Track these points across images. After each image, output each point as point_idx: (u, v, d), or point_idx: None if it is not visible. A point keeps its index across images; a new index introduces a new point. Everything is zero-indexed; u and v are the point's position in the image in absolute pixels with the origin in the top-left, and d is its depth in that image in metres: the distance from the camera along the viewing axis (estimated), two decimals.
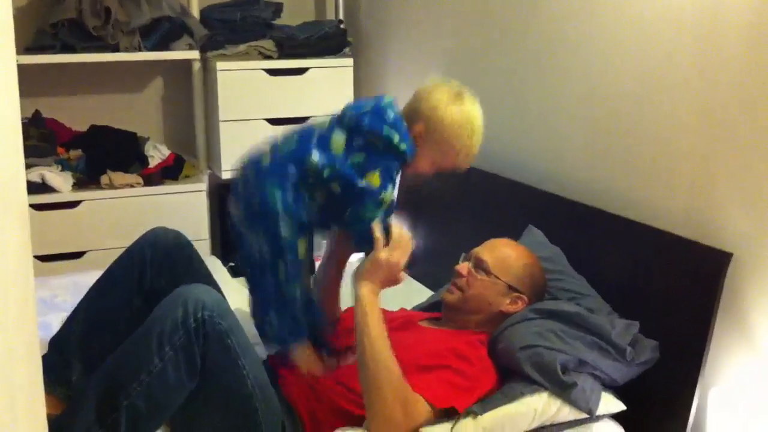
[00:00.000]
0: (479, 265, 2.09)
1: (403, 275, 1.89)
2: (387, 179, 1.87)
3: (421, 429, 1.75)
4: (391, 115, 1.89)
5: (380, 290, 1.85)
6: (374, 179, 1.85)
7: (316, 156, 1.86)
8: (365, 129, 1.87)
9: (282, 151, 1.91)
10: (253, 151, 1.97)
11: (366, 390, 1.76)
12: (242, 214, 1.92)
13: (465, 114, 1.95)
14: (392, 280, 1.87)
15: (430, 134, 1.93)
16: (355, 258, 2.27)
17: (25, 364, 1.06)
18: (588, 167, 2.36)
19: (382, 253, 1.83)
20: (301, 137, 1.93)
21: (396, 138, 1.87)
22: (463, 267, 2.11)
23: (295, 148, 1.90)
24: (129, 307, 1.99)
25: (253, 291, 2.02)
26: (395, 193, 1.93)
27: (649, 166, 2.13)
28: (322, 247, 2.22)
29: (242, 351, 1.75)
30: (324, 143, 1.88)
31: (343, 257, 2.15)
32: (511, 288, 2.07)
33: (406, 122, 1.92)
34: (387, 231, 1.88)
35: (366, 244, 1.88)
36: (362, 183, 1.84)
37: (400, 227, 1.90)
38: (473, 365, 1.89)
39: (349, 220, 1.90)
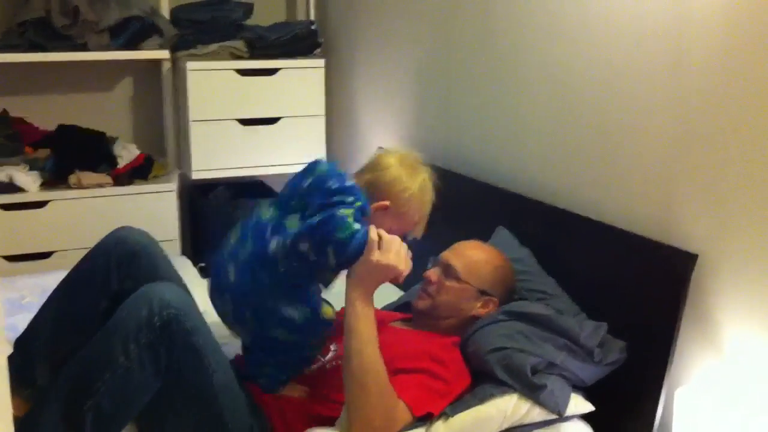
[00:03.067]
0: (448, 271, 2.09)
1: (403, 276, 1.84)
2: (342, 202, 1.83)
3: None
4: (334, 184, 1.84)
5: (373, 292, 1.82)
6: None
7: (274, 241, 1.82)
8: (317, 205, 1.82)
9: (243, 259, 1.87)
10: (215, 276, 1.92)
11: (350, 391, 1.74)
12: (251, 330, 1.92)
13: (425, 192, 1.97)
14: (386, 280, 1.83)
15: (393, 210, 1.92)
16: None
17: None
18: (556, 170, 2.38)
19: (374, 255, 1.78)
20: (254, 238, 1.87)
21: (350, 199, 1.82)
22: (432, 273, 2.10)
23: (253, 249, 1.86)
24: (95, 307, 1.97)
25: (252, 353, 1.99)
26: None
27: (616, 168, 2.14)
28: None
29: (208, 350, 1.75)
30: (280, 230, 1.84)
31: None
32: (481, 292, 2.07)
33: (367, 192, 1.89)
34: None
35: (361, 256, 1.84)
36: (318, 217, 1.79)
37: (383, 231, 1.86)
38: (448, 369, 1.89)
39: (336, 254, 1.82)
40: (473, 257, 2.11)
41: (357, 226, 1.80)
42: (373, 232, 1.81)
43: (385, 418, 1.72)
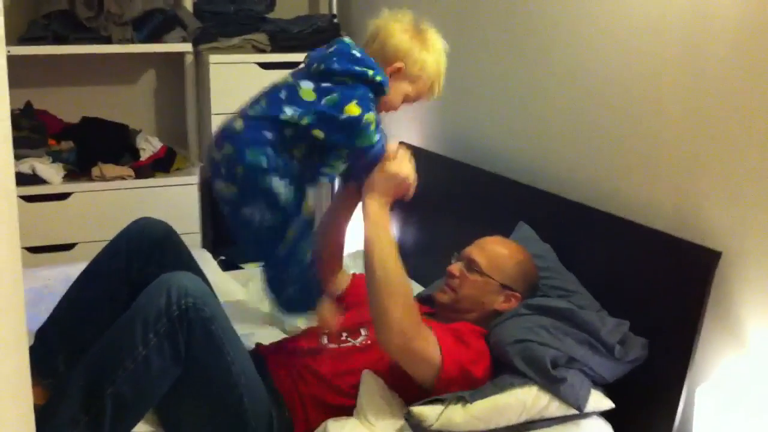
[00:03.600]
0: (471, 266, 2.09)
1: (412, 188, 1.91)
2: (365, 106, 1.82)
3: (411, 407, 1.75)
4: (357, 53, 1.87)
5: (389, 203, 1.88)
6: (353, 109, 1.80)
7: (289, 110, 1.81)
8: (337, 71, 1.84)
9: (253, 115, 1.86)
10: (223, 124, 1.92)
11: (376, 299, 1.78)
12: (235, 190, 1.84)
13: (437, 49, 1.97)
14: (402, 193, 1.90)
15: (407, 71, 1.93)
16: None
17: (13, 354, 1.06)
18: (579, 165, 2.37)
19: (393, 165, 1.85)
20: (268, 97, 1.88)
21: (371, 72, 1.85)
22: (455, 268, 2.11)
23: (265, 109, 1.85)
24: (115, 297, 1.98)
25: (266, 268, 1.96)
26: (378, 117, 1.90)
27: (640, 164, 2.13)
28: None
29: (227, 338, 1.75)
30: (293, 96, 1.84)
31: (349, 211, 2.14)
32: (504, 287, 2.08)
33: (378, 60, 1.91)
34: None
35: (375, 167, 1.87)
36: (343, 116, 1.80)
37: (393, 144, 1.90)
38: (471, 347, 1.90)
39: (351, 157, 1.87)
40: (496, 252, 2.12)
41: (376, 137, 1.85)
42: (392, 145, 1.86)
43: (410, 324, 1.77)
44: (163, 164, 3.55)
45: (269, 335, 2.28)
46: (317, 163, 1.88)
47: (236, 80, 3.49)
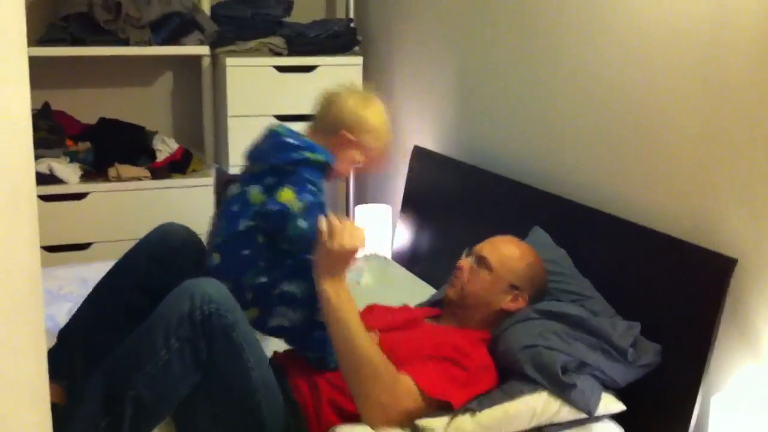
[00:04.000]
0: (481, 262, 2.11)
1: (361, 248, 1.86)
2: (299, 192, 1.86)
3: (417, 421, 1.76)
4: (291, 140, 1.91)
5: (343, 277, 1.84)
6: (286, 195, 1.85)
7: (243, 223, 1.87)
8: (278, 166, 1.87)
9: (222, 242, 1.92)
10: (207, 267, 1.95)
11: (348, 379, 1.79)
12: (257, 312, 1.92)
13: (380, 115, 2.00)
14: (349, 261, 1.85)
15: (354, 140, 1.96)
16: None
17: (31, 354, 1.06)
18: (594, 170, 2.36)
19: (327, 244, 1.81)
20: (225, 216, 1.93)
21: (308, 154, 1.88)
22: (465, 262, 2.13)
23: (226, 229, 1.90)
24: (137, 302, 1.99)
25: (302, 351, 2.00)
26: (322, 197, 1.92)
27: (656, 170, 2.13)
28: None
29: (247, 346, 1.76)
30: (245, 205, 1.88)
31: None
32: (512, 286, 2.08)
33: (324, 134, 1.96)
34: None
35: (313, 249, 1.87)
36: (275, 207, 1.84)
37: (332, 216, 1.87)
38: (473, 360, 1.89)
39: (293, 247, 1.88)
40: (507, 251, 2.13)
41: (305, 224, 1.84)
42: (321, 222, 1.83)
43: (389, 394, 1.76)
44: (179, 166, 3.56)
45: (284, 343, 2.28)
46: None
47: (252, 83, 3.51)
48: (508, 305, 2.07)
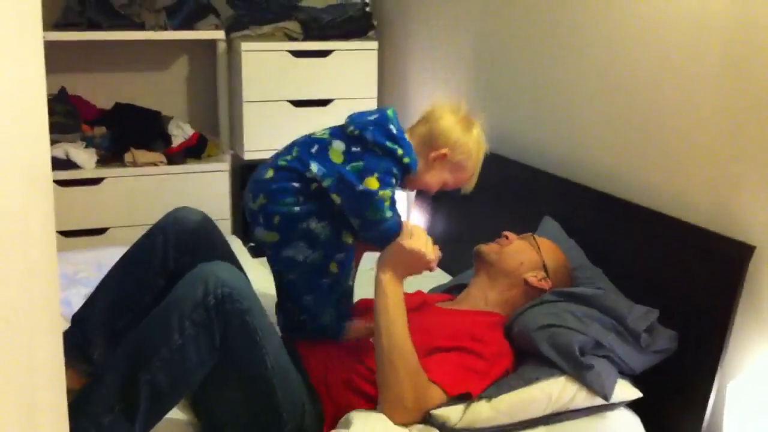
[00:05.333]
0: (525, 236, 2.19)
1: (433, 264, 1.90)
2: (385, 183, 1.87)
3: (434, 411, 1.77)
4: (394, 129, 1.91)
5: (403, 277, 1.87)
6: (372, 183, 1.85)
7: (314, 167, 1.88)
8: (368, 140, 1.88)
9: (282, 165, 1.93)
10: (254, 174, 1.99)
11: (380, 371, 1.78)
12: (276, 237, 1.93)
13: (480, 142, 2.02)
14: (416, 267, 1.88)
15: (450, 158, 1.97)
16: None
17: (48, 338, 1.07)
18: (610, 156, 2.35)
19: (406, 240, 1.85)
20: (300, 148, 1.94)
21: (400, 151, 1.89)
22: (511, 234, 2.20)
23: (294, 160, 1.91)
24: (152, 286, 2.00)
25: (302, 294, 2.00)
26: (396, 194, 1.94)
27: (673, 156, 2.11)
28: None
29: (262, 330, 1.76)
30: (323, 153, 1.90)
31: (359, 254, 2.15)
32: (545, 268, 2.11)
33: (423, 144, 1.96)
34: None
35: (387, 242, 1.89)
36: (360, 187, 1.85)
37: (413, 223, 1.93)
38: (488, 347, 1.90)
39: (361, 227, 1.90)
40: (551, 244, 2.20)
41: (389, 213, 1.87)
42: (408, 221, 1.89)
43: (416, 399, 1.76)
44: (194, 151, 3.57)
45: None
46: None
47: (268, 68, 3.51)
48: (531, 279, 2.10)
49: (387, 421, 1.74)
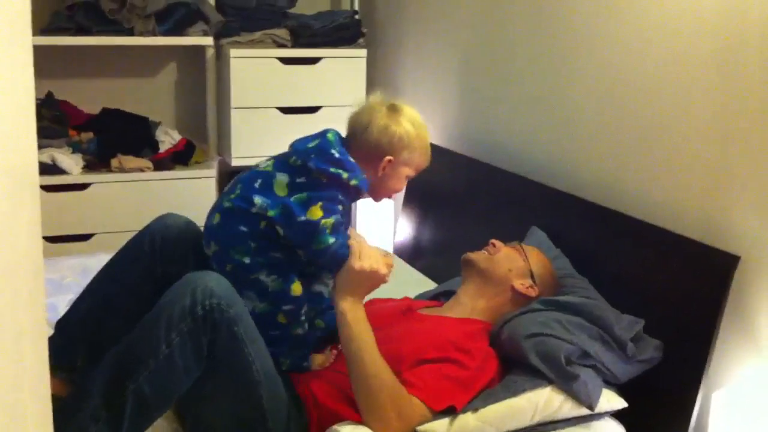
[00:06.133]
0: (513, 244, 2.19)
1: (387, 277, 1.88)
2: (329, 210, 1.86)
3: (418, 427, 1.76)
4: (336, 153, 1.88)
5: (362, 298, 1.86)
6: (315, 212, 1.84)
7: (259, 200, 1.86)
8: (312, 169, 1.87)
9: (228, 207, 1.91)
10: (206, 221, 1.97)
11: (359, 398, 1.78)
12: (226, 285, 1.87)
13: (413, 122, 1.98)
14: (372, 286, 1.87)
15: (398, 159, 1.96)
16: None
17: (33, 344, 1.06)
18: (597, 166, 2.36)
19: (356, 263, 1.82)
20: (244, 185, 1.92)
21: (345, 175, 1.87)
22: (499, 242, 2.19)
23: (238, 199, 1.90)
24: (137, 292, 1.98)
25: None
26: (347, 218, 1.93)
27: (660, 166, 2.12)
28: None
29: (249, 340, 1.76)
30: (267, 186, 1.88)
31: None
32: (532, 276, 2.12)
33: (367, 158, 1.93)
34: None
35: (340, 265, 1.87)
36: (302, 218, 1.83)
37: (359, 237, 1.91)
38: (474, 358, 1.90)
39: (309, 257, 1.90)
40: (539, 253, 2.20)
41: (331, 240, 1.85)
42: (353, 239, 1.86)
43: (399, 417, 1.75)
44: (182, 157, 3.56)
45: None
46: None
47: (256, 75, 3.51)
48: (519, 286, 2.10)
49: None
